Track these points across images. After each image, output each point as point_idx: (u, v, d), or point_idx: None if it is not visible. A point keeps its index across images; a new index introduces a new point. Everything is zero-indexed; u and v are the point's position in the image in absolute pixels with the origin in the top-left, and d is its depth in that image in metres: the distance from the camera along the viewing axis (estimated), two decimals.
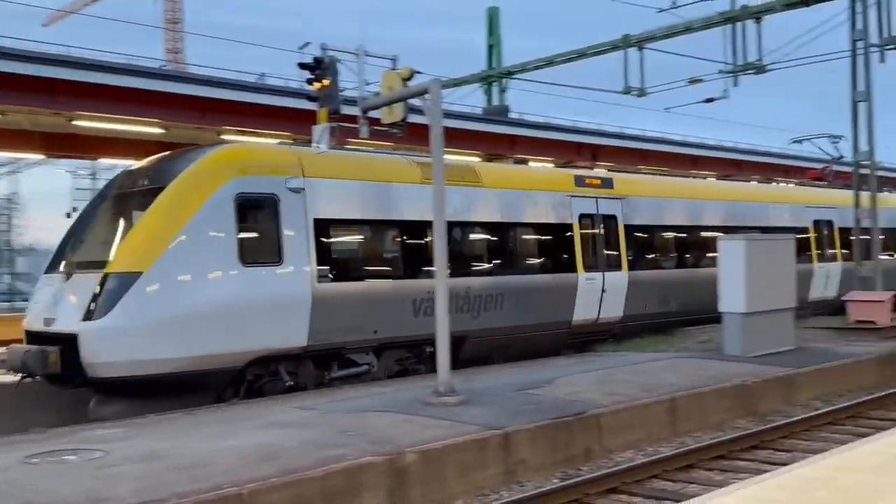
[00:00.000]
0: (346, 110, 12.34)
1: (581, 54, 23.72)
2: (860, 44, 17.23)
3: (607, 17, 30.04)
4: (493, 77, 27.25)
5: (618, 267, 14.94)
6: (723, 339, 13.17)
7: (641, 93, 22.84)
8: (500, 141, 23.08)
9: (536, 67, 25.23)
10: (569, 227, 14.22)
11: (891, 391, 11.84)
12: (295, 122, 20.41)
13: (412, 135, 11.63)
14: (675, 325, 15.63)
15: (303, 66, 12.16)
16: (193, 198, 9.98)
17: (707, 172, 30.24)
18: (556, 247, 14.06)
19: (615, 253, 14.95)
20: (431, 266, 11.01)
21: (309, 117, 13.00)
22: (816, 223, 19.48)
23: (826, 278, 19.37)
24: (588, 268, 14.42)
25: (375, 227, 11.67)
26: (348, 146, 13.49)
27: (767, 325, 13.16)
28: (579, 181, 14.79)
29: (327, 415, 8.79)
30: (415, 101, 10.78)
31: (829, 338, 15.17)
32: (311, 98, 12.36)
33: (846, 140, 23.44)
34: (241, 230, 10.13)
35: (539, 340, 13.70)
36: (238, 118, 21.02)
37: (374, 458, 6.96)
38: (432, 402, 9.23)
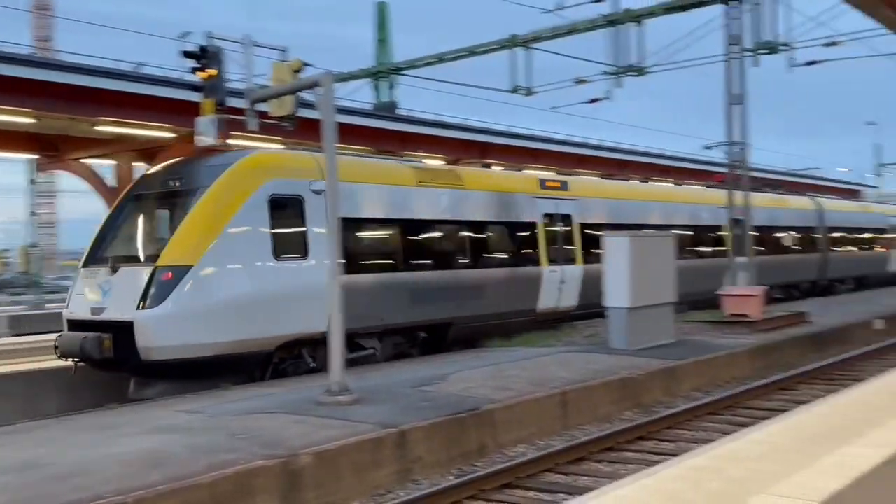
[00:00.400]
0: (232, 103, 11.95)
1: (470, 52, 23.87)
2: (735, 48, 17.99)
3: (496, 16, 30.39)
4: (383, 73, 27.11)
5: (573, 261, 16.94)
6: (609, 333, 13.53)
7: (529, 92, 23.19)
8: (391, 137, 23.02)
9: (426, 64, 25.21)
10: (534, 224, 16.18)
11: (763, 382, 12.47)
12: (176, 114, 19.91)
13: (301, 129, 11.42)
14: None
15: (187, 54, 11.68)
16: (234, 199, 11.30)
17: (592, 172, 31.01)
18: (525, 242, 15.98)
19: (571, 248, 16.97)
20: (425, 259, 13.60)
21: (191, 109, 12.72)
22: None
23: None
24: (550, 261, 16.41)
25: (380, 225, 13.17)
26: (305, 146, 14.32)
27: (650, 319, 13.60)
28: (542, 184, 16.83)
29: (215, 418, 8.51)
30: (304, 95, 10.54)
31: (706, 331, 15.79)
32: (195, 88, 11.90)
33: (750, 147, 28.21)
34: (274, 228, 11.49)
35: (509, 326, 15.35)
36: (114, 108, 20.05)
37: (267, 461, 6.77)
38: (325, 401, 9.07)
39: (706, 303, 18.39)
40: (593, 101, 23.34)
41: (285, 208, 11.73)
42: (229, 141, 12.44)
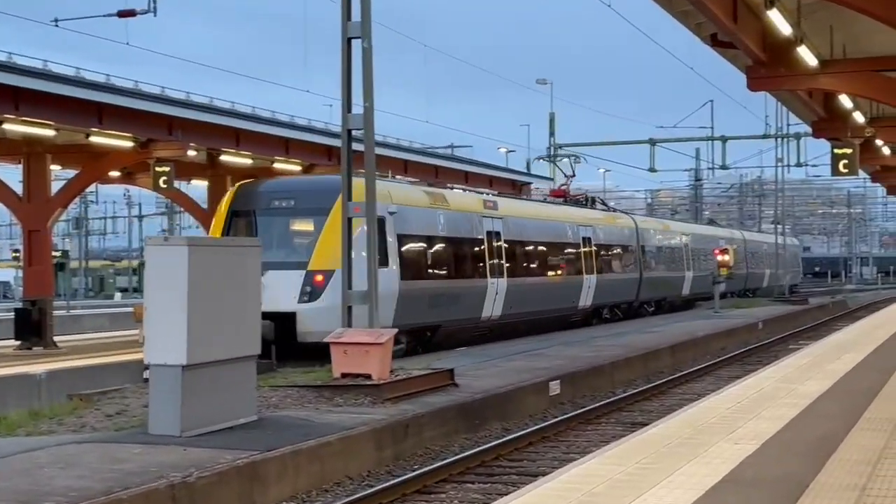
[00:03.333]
0: None
1: None
2: None
3: None
4: None
5: (502, 274, 30.26)
6: (150, 408, 13.45)
7: None
8: None
9: None
10: (482, 241, 29.67)
11: (395, 481, 13.17)
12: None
13: None
14: (534, 322, 32.72)
15: None
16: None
17: (122, 134, 30.45)
18: (478, 257, 29.42)
19: (501, 262, 30.30)
20: (438, 269, 27.40)
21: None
22: (584, 239, 37.30)
23: (588, 288, 36.92)
24: (491, 274, 29.72)
25: (418, 239, 26.53)
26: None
27: (221, 385, 13.76)
28: (485, 204, 30.81)
29: None
30: None
31: (308, 401, 16.43)
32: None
33: (585, 161, 46.47)
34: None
35: (456, 334, 28.23)
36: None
37: None
38: None
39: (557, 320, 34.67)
40: (126, 13, 23.11)
41: (378, 227, 21.27)
42: None
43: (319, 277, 22.76)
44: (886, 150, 36.69)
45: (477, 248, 29.44)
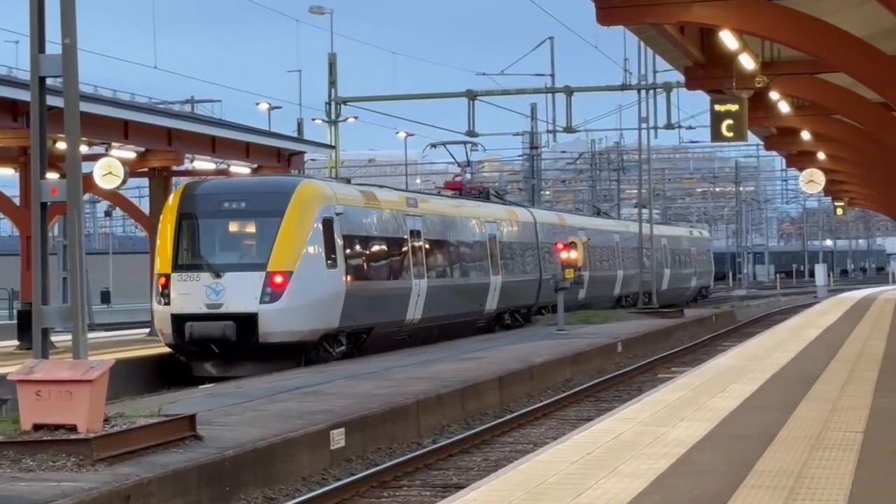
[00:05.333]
0: None
1: None
2: None
3: None
4: None
5: (422, 275, 42.18)
6: None
7: None
8: None
9: None
10: (405, 241, 42.08)
11: None
12: None
13: None
14: (446, 327, 44.79)
15: None
16: (305, 221, 36.31)
17: None
18: (401, 257, 41.89)
19: (421, 263, 42.45)
20: (374, 270, 41.41)
21: None
22: (490, 237, 49.54)
23: (494, 290, 49.21)
24: (415, 276, 42.07)
25: (358, 240, 39.57)
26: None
27: None
28: (408, 201, 43.69)
29: None
30: None
31: None
32: None
33: (483, 149, 63.44)
34: (325, 244, 36.64)
35: (384, 338, 39.90)
36: None
37: None
38: None
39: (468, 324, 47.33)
40: None
41: (328, 228, 36.04)
42: None
43: (279, 279, 33.77)
44: (785, 107, 37.03)
45: (403, 248, 41.65)
